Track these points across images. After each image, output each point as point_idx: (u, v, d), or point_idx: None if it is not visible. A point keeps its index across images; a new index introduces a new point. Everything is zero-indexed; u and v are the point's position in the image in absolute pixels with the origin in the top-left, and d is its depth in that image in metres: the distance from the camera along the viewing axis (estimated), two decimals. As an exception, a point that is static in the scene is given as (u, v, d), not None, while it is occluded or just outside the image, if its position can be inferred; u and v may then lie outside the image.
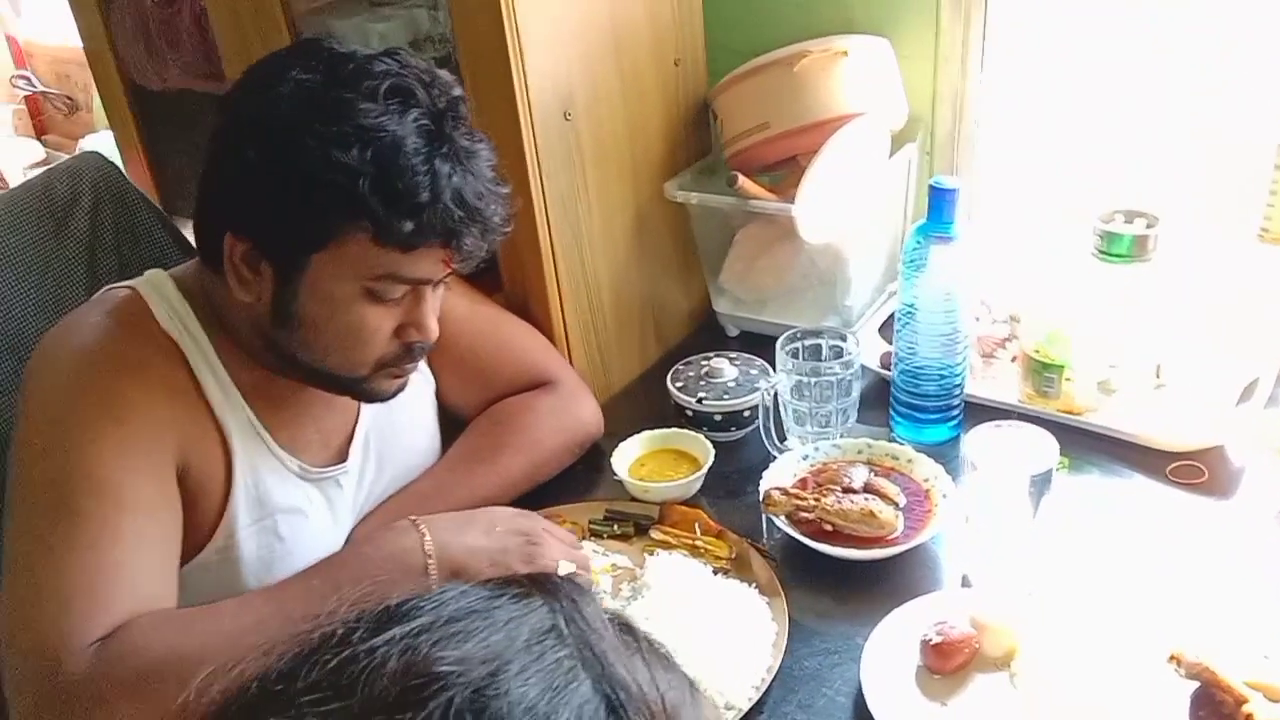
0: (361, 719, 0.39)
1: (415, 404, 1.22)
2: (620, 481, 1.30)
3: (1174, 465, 1.29)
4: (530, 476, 1.28)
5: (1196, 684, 0.93)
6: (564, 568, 1.07)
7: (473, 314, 1.28)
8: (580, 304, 1.44)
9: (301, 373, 1.06)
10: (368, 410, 1.16)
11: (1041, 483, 1.08)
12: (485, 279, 1.37)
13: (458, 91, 1.01)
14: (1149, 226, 1.39)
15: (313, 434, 1.14)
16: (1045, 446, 1.10)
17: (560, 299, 1.41)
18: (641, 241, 1.54)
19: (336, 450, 1.17)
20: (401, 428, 1.22)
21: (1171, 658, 0.94)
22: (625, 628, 0.47)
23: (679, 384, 1.42)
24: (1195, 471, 1.28)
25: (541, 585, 0.47)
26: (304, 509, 1.12)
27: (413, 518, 1.05)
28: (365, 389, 1.08)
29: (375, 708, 0.39)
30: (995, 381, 1.43)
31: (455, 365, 1.27)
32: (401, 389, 1.11)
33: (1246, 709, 0.90)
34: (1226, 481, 1.27)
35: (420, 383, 1.23)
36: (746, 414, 1.39)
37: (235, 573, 1.08)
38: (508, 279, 1.41)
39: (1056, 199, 1.57)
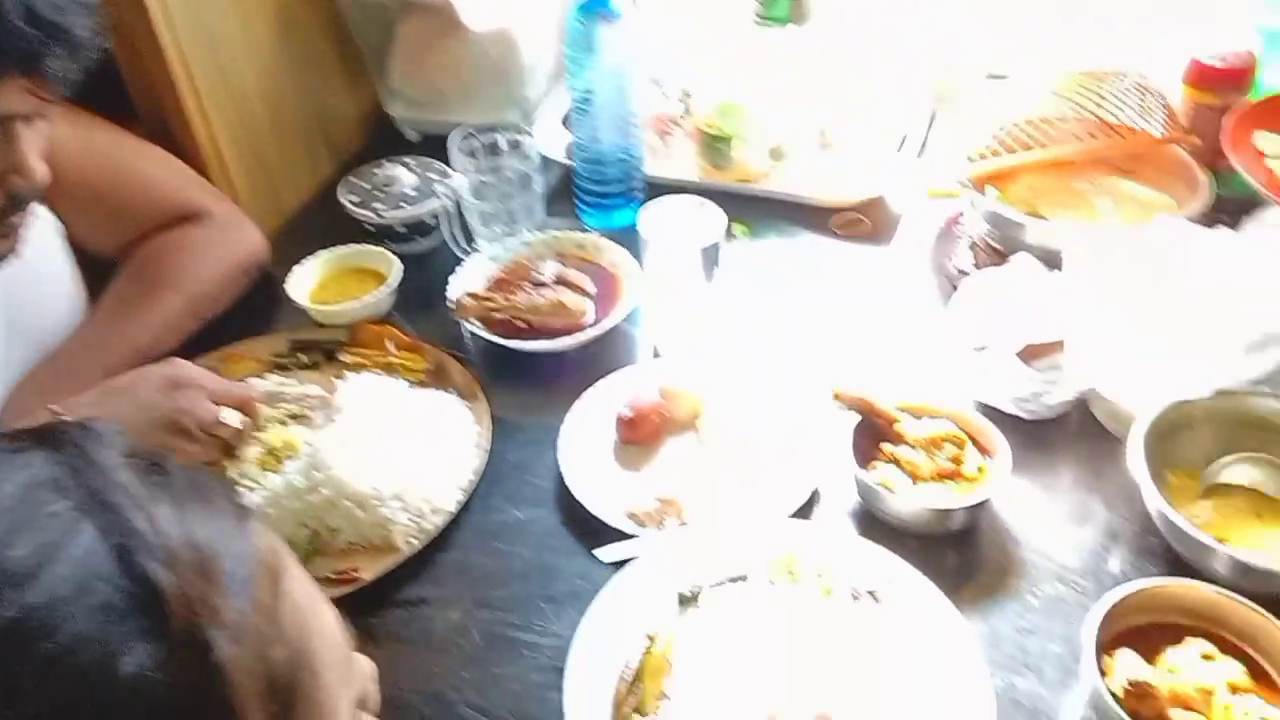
0: None
1: (41, 256, 1.08)
2: (302, 309, 1.23)
3: (839, 218, 1.37)
4: (193, 314, 1.18)
5: (858, 416, 1.01)
6: (228, 416, 1.01)
7: (89, 147, 1.12)
8: (230, 120, 1.31)
9: None
10: None
11: (712, 252, 1.11)
12: (117, 107, 1.22)
13: None
14: (803, -13, 1.42)
15: None
16: (713, 217, 1.13)
17: (204, 117, 1.27)
18: (292, 43, 1.41)
19: None
20: (28, 286, 1.07)
21: (835, 395, 1.01)
22: (155, 468, 0.43)
23: (354, 197, 1.34)
24: (857, 222, 1.37)
25: (43, 437, 0.42)
26: None
27: (51, 407, 0.95)
28: None
29: None
30: (674, 159, 1.45)
31: (81, 206, 1.12)
32: (14, 249, 0.97)
33: (897, 427, 1.00)
34: (886, 228, 1.37)
35: (43, 230, 1.08)
36: (430, 221, 1.34)
37: None
38: (140, 103, 1.26)
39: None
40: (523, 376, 1.19)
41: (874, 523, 0.98)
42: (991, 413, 1.03)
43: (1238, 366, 0.96)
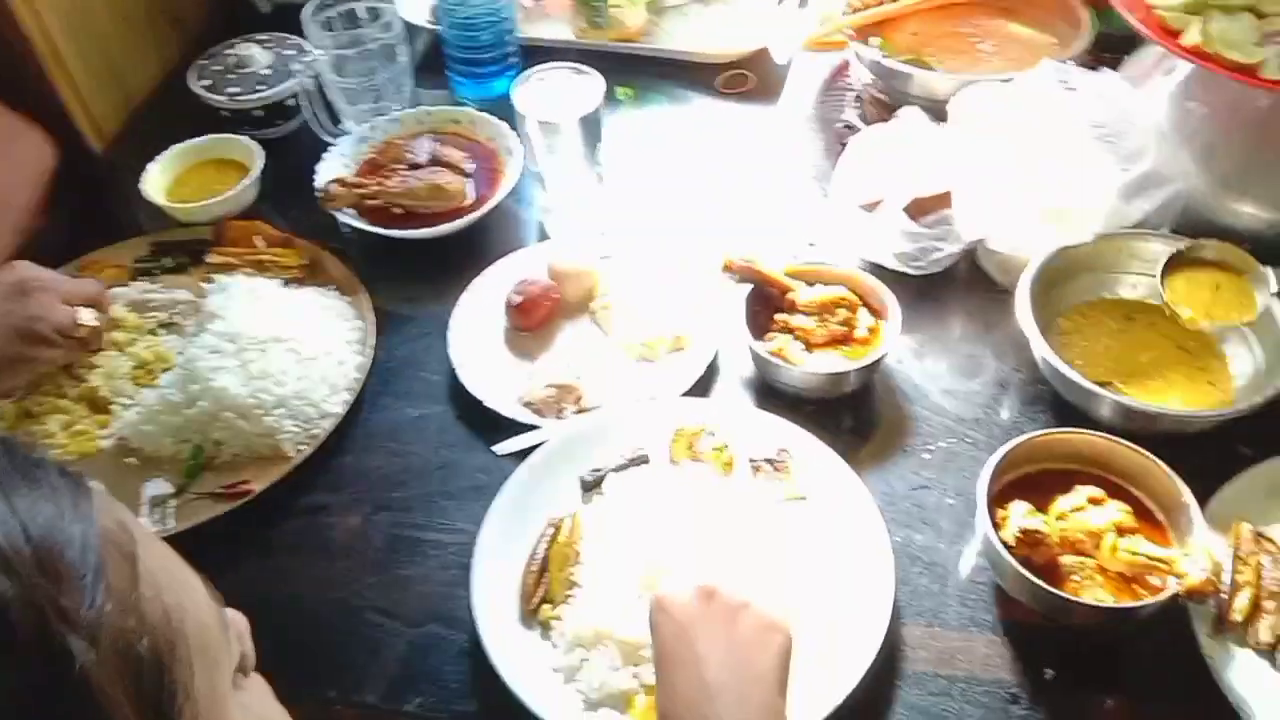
0: None
1: None
2: (160, 208, 1.15)
3: (724, 76, 1.32)
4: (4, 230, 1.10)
5: (749, 285, 0.99)
6: (84, 315, 0.95)
7: None
8: (61, 6, 1.19)
9: None
10: None
11: (593, 121, 1.06)
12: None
13: None
14: None
15: None
16: (591, 84, 1.07)
17: (31, 5, 1.15)
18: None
19: None
20: None
21: (725, 266, 0.99)
22: None
23: (205, 82, 1.24)
24: (742, 79, 1.32)
25: None
26: None
27: None
28: None
29: None
30: (549, 21, 1.37)
31: None
32: None
33: (789, 296, 0.99)
34: (772, 84, 1.33)
35: None
36: (290, 103, 1.25)
37: None
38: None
39: None
40: (405, 266, 1.13)
41: (771, 392, 0.98)
42: (880, 272, 1.02)
43: (1119, 211, 0.96)
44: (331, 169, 1.16)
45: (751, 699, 0.63)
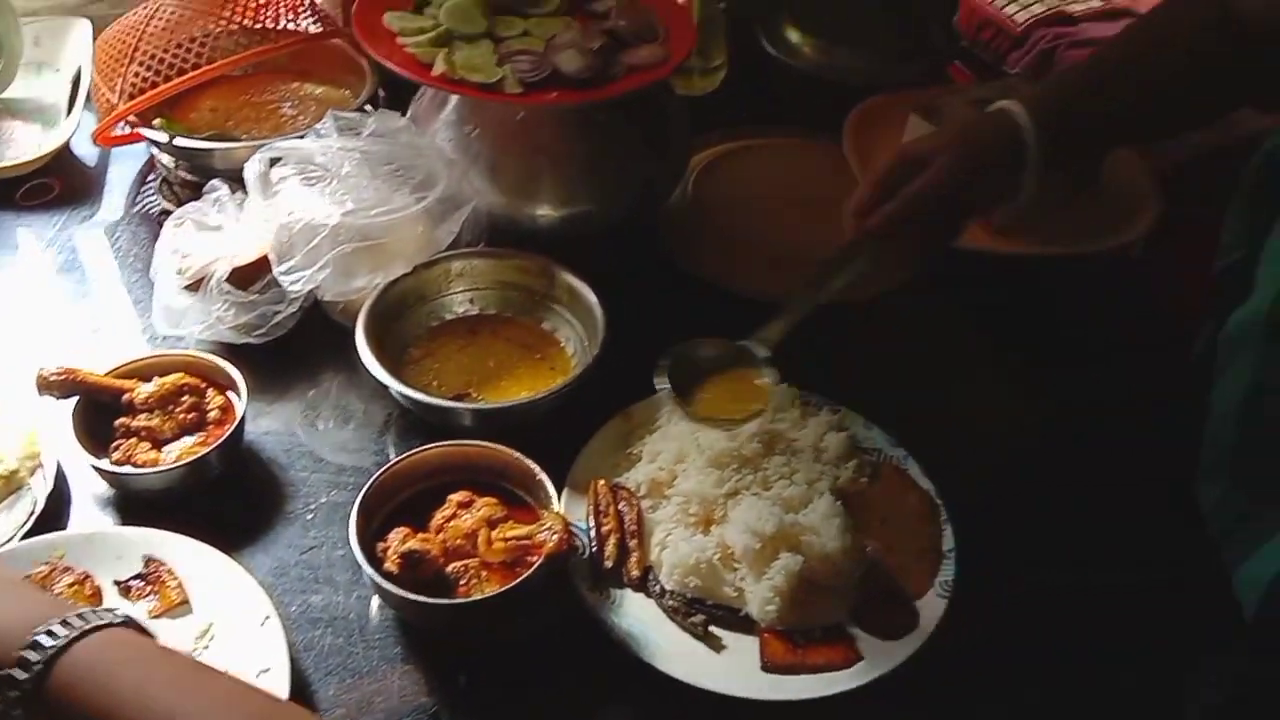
0: None
1: None
2: None
3: (24, 189, 1.21)
4: None
5: (75, 398, 0.90)
6: None
7: None
8: None
9: None
10: None
11: None
12: None
13: None
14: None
15: None
16: None
17: None
18: None
19: None
20: None
21: (38, 385, 0.89)
22: None
23: None
24: (46, 189, 1.22)
25: None
26: None
27: None
28: None
29: None
30: None
31: None
32: None
33: (126, 397, 0.91)
34: (83, 187, 1.24)
35: None
36: None
37: None
38: None
39: None
40: None
41: (137, 502, 0.90)
42: (228, 349, 0.99)
43: (431, 238, 1.01)
44: None
45: None
